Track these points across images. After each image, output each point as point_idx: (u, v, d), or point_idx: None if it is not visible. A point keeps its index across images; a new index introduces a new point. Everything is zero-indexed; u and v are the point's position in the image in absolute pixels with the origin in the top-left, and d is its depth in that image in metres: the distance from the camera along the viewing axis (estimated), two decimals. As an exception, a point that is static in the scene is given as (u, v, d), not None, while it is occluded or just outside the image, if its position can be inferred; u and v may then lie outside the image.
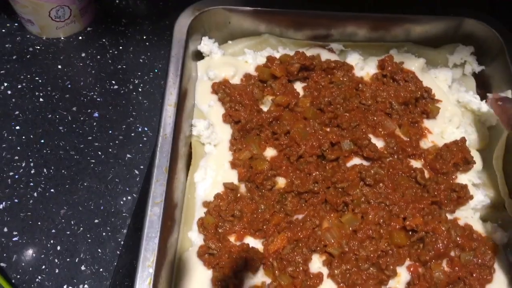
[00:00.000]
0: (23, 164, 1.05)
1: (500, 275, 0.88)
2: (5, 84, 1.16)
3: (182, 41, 1.04)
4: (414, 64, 1.11)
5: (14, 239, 0.96)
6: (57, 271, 0.94)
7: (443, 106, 1.06)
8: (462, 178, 0.98)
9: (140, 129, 1.12)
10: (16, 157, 1.06)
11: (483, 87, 1.12)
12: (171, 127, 0.92)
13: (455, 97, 1.09)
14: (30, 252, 0.95)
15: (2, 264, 0.93)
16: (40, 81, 1.18)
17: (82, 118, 1.12)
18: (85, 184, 1.03)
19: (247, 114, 1.01)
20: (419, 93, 1.05)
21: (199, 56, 1.13)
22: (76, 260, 0.95)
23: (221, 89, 1.05)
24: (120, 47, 1.26)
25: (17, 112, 1.12)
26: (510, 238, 0.92)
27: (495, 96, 0.96)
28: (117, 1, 1.35)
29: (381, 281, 0.85)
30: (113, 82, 1.19)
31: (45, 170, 1.05)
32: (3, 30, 1.27)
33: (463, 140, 0.99)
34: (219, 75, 1.08)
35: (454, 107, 1.07)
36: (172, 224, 0.88)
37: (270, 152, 1.00)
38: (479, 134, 1.03)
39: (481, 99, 1.08)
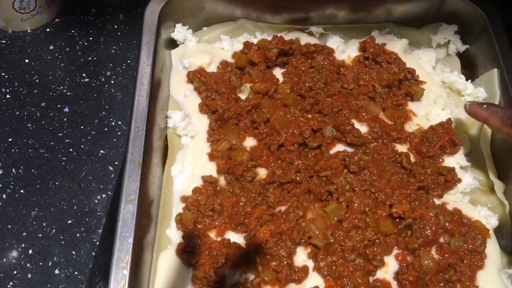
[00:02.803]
0: (-10, 165, 1.00)
1: (492, 260, 0.84)
2: (-31, 80, 1.11)
3: (153, 28, 0.99)
4: (396, 45, 1.07)
5: (-17, 244, 0.91)
6: (29, 276, 0.89)
7: (428, 87, 1.02)
8: (450, 161, 0.94)
9: (113, 123, 1.06)
10: (-17, 158, 1.00)
11: (467, 66, 1.09)
12: (143, 119, 0.88)
13: (439, 78, 1.06)
14: (0, 257, 0.90)
15: (-29, 271, 0.88)
16: (6, 76, 1.12)
17: (51, 114, 1.07)
18: (57, 183, 0.98)
19: (224, 103, 0.96)
20: (403, 74, 1.01)
21: (172, 44, 1.07)
22: (49, 264, 0.90)
23: (197, 77, 1.00)
24: (90, 38, 1.20)
25: (-18, 110, 1.07)
26: (500, 222, 0.89)
27: (474, 102, 0.88)
28: (85, -10, 1.29)
29: (369, 272, 0.81)
30: (84, 75, 1.13)
31: (13, 170, 0.99)
32: (-34, 25, 1.20)
33: (449, 121, 0.96)
34: (194, 64, 1.03)
35: (439, 88, 1.03)
36: (148, 222, 0.83)
37: (249, 142, 0.95)
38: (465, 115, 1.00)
39: (466, 79, 1.05)
